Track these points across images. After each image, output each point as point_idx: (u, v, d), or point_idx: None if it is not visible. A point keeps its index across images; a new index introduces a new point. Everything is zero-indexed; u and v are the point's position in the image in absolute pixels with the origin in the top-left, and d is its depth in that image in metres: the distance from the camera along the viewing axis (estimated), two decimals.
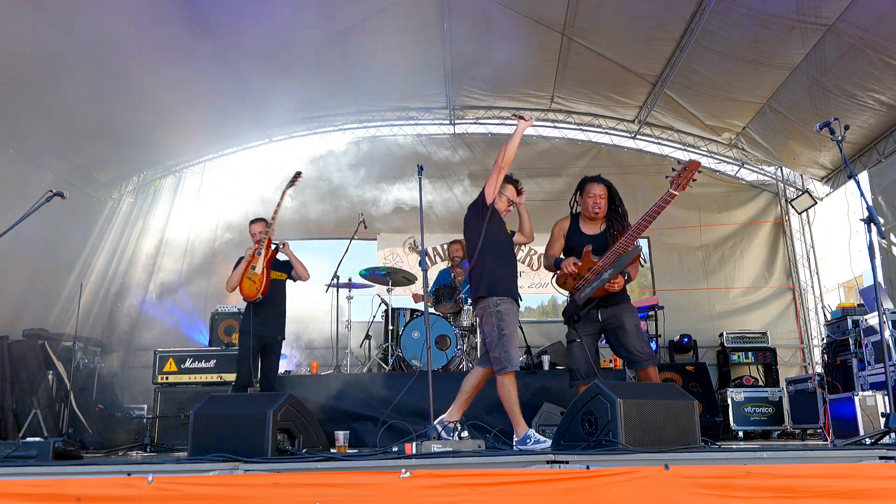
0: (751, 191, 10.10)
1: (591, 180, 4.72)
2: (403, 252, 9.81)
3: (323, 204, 9.30)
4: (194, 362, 6.67)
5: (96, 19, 6.02)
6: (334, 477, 2.58)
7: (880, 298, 4.55)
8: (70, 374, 6.95)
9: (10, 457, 3.20)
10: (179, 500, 2.50)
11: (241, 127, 9.42)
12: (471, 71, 8.75)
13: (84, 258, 8.64)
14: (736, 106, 8.46)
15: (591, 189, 4.65)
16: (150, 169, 9.72)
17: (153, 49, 6.74)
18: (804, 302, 9.62)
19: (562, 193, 9.96)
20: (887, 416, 3.70)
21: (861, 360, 6.30)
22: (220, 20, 6.79)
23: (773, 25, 6.64)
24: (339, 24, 7.39)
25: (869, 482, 2.54)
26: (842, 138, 4.20)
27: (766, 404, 7.47)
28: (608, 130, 10.05)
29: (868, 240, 4.10)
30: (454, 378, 6.09)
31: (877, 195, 7.85)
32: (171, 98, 7.68)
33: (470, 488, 2.50)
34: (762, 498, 2.49)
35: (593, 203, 4.60)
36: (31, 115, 6.93)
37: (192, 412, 3.47)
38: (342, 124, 10.05)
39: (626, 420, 3.04)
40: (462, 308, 7.01)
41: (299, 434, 3.50)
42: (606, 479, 2.52)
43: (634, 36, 7.59)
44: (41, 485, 2.57)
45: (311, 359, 8.33)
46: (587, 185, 4.70)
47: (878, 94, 7.07)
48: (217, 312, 7.38)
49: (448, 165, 9.91)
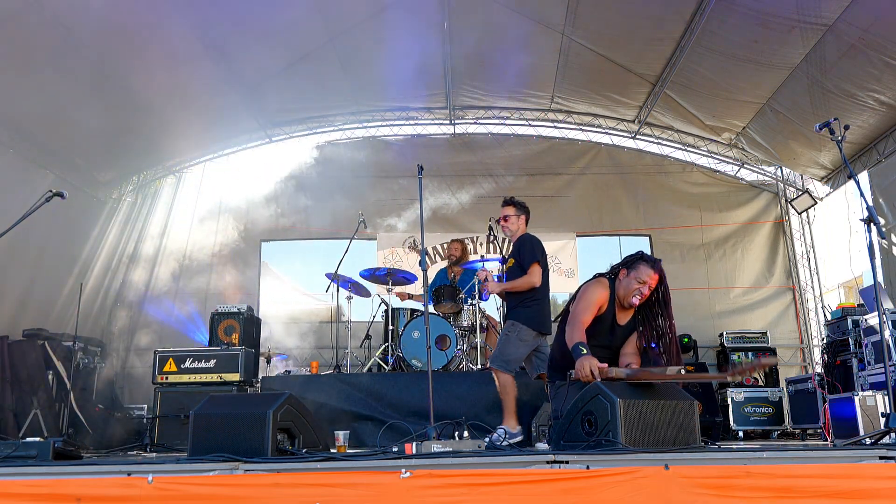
0: (751, 191, 10.10)
1: (648, 260, 3.83)
2: (403, 252, 9.81)
3: (323, 204, 9.30)
4: (194, 362, 6.67)
5: (97, 19, 6.02)
6: (334, 477, 2.58)
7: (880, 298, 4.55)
8: (70, 374, 6.95)
9: (10, 457, 3.20)
10: (179, 500, 2.50)
11: (241, 127, 9.43)
12: (471, 71, 8.76)
13: (84, 258, 8.64)
14: (736, 106, 8.46)
15: (643, 272, 3.78)
16: (150, 169, 9.72)
17: (153, 49, 6.74)
18: (804, 302, 9.63)
19: (562, 192, 10.01)
20: (887, 416, 3.71)
21: (861, 360, 6.30)
22: (221, 20, 6.79)
23: (773, 25, 6.64)
24: (339, 23, 7.39)
25: (869, 482, 2.54)
26: (842, 138, 4.20)
27: (766, 404, 7.47)
28: (608, 130, 10.05)
29: (868, 240, 4.10)
30: (454, 378, 6.11)
31: (877, 195, 7.85)
32: (171, 98, 7.67)
33: (470, 488, 2.50)
34: (762, 498, 2.49)
35: (638, 291, 3.78)
36: (31, 115, 6.93)
37: (192, 412, 3.47)
38: (342, 124, 10.05)
39: (625, 420, 3.04)
40: (462, 308, 7.01)
41: (299, 434, 3.50)
42: (606, 479, 2.52)
43: (634, 36, 7.59)
44: (41, 485, 2.56)
45: (311, 359, 8.34)
46: (640, 265, 3.82)
47: (878, 94, 7.07)
48: (217, 312, 7.38)
49: (448, 165, 9.90)
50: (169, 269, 9.37)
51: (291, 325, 9.08)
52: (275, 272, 9.95)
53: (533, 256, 5.02)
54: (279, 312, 9.26)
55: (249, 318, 7.39)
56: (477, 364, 6.70)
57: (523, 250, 5.11)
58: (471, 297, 6.96)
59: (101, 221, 9.08)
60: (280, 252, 10.00)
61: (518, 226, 5.27)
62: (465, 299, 7.02)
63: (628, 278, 3.84)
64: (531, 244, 5.12)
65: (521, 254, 5.11)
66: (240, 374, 6.57)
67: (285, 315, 9.26)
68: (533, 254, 5.04)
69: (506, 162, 10.06)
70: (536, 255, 5.04)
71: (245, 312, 7.33)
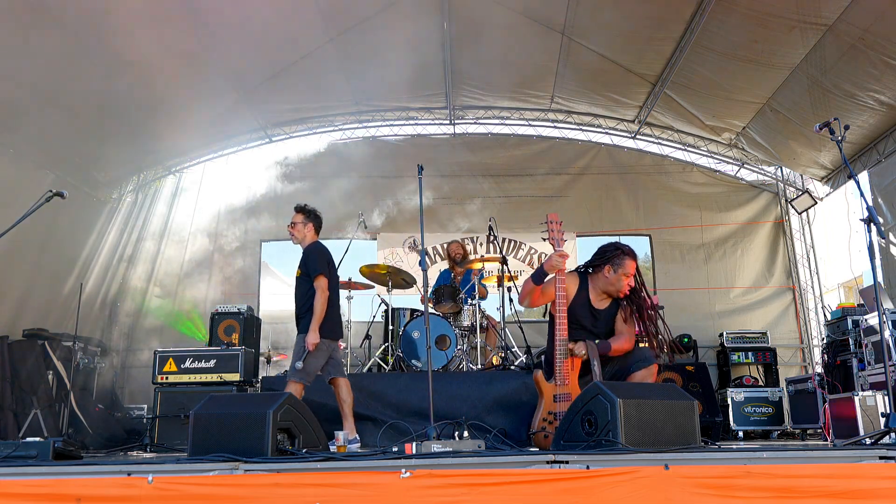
0: (751, 191, 10.10)
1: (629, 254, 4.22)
2: (403, 252, 9.81)
3: (323, 204, 9.27)
4: (194, 362, 6.67)
5: (97, 19, 6.02)
6: (334, 477, 2.58)
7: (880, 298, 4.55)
8: (70, 374, 6.95)
9: (10, 457, 3.20)
10: (179, 500, 2.50)
11: (241, 127, 9.43)
12: (471, 71, 8.75)
13: (84, 258, 8.63)
14: (736, 106, 8.46)
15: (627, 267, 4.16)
16: (150, 169, 9.72)
17: (154, 48, 6.73)
18: (804, 302, 9.62)
19: (562, 192, 10.01)
20: (887, 416, 3.71)
21: (861, 360, 6.30)
22: (221, 20, 6.79)
23: (773, 25, 6.64)
24: (339, 23, 7.39)
25: (869, 482, 2.54)
26: (842, 138, 4.19)
27: (766, 404, 7.47)
28: (608, 130, 10.05)
29: (868, 240, 4.10)
30: (454, 378, 6.11)
31: (877, 195, 7.85)
32: (171, 98, 7.68)
33: (470, 488, 2.50)
34: (762, 498, 2.49)
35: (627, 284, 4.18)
36: (31, 115, 6.92)
37: (192, 412, 3.47)
38: (342, 124, 10.05)
39: (625, 420, 3.04)
40: (462, 308, 7.01)
41: (299, 434, 3.50)
42: (606, 479, 2.52)
43: (634, 36, 7.59)
44: (41, 485, 2.57)
45: None
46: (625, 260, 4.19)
47: (878, 94, 7.07)
48: (217, 312, 7.39)
49: (448, 165, 9.90)
50: (169, 269, 9.37)
51: (291, 325, 9.07)
52: (275, 272, 9.95)
53: (318, 268, 5.00)
54: (279, 312, 9.25)
55: (249, 318, 7.40)
56: (477, 364, 6.70)
57: (309, 261, 5.08)
58: (471, 297, 6.97)
59: (101, 221, 9.07)
60: (280, 252, 10.00)
61: (304, 234, 5.23)
62: (465, 299, 7.02)
63: (616, 275, 4.17)
64: (316, 254, 5.09)
65: (307, 264, 5.10)
66: (240, 374, 6.57)
67: (285, 315, 9.25)
68: (318, 264, 5.02)
69: (506, 162, 10.06)
70: (321, 266, 5.03)
71: (245, 312, 7.34)
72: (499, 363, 6.91)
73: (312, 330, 4.91)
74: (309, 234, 5.25)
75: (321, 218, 5.36)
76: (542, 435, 4.03)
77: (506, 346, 6.86)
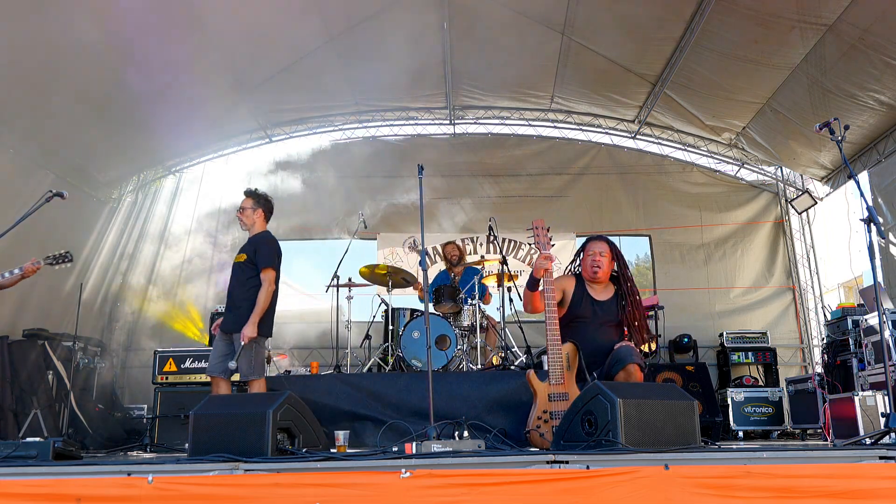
0: (751, 191, 10.10)
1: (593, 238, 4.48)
2: (403, 252, 9.81)
3: (323, 204, 9.31)
4: (194, 362, 6.67)
5: (97, 19, 6.02)
6: (334, 477, 2.58)
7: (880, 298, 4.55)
8: (70, 374, 6.95)
9: (10, 457, 3.20)
10: (179, 500, 2.50)
11: (241, 127, 9.42)
12: (471, 71, 8.75)
13: (84, 258, 8.62)
14: (736, 106, 8.46)
15: (591, 247, 4.40)
16: (150, 169, 9.72)
17: (153, 48, 6.74)
18: (804, 302, 9.62)
19: (562, 192, 10.01)
20: (887, 416, 3.71)
21: (861, 360, 6.30)
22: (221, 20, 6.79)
23: (773, 25, 6.64)
24: (339, 23, 7.39)
25: (869, 482, 2.54)
26: (842, 138, 4.19)
27: (766, 404, 7.47)
28: (608, 130, 10.05)
29: (868, 240, 4.10)
30: (454, 378, 6.11)
31: (877, 195, 7.85)
32: (171, 98, 7.67)
33: (470, 488, 2.50)
34: (762, 498, 2.49)
35: (592, 262, 4.35)
36: (31, 115, 6.92)
37: (192, 412, 3.47)
38: (342, 124, 10.05)
39: (625, 420, 3.04)
40: (462, 308, 7.01)
41: (299, 434, 3.50)
42: (606, 479, 2.52)
43: (634, 36, 7.59)
44: (41, 485, 2.57)
45: (311, 359, 8.33)
46: (588, 243, 4.46)
47: (878, 94, 7.07)
48: (217, 312, 7.38)
49: (448, 165, 9.90)
50: (169, 269, 9.37)
51: (291, 325, 9.07)
52: None
53: (269, 260, 4.83)
54: (279, 312, 9.24)
55: None
56: (477, 364, 6.70)
57: (260, 251, 4.89)
58: (471, 298, 6.96)
59: (101, 221, 9.07)
60: None
61: (254, 220, 5.05)
62: (465, 299, 7.02)
63: (583, 259, 4.42)
64: (269, 246, 4.92)
65: (256, 253, 4.90)
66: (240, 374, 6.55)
67: (285, 315, 9.24)
68: (270, 257, 4.85)
69: (506, 162, 10.06)
70: (272, 259, 4.86)
71: None
72: (499, 363, 6.90)
73: (252, 323, 4.73)
74: (259, 220, 5.08)
75: (272, 203, 5.18)
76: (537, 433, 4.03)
77: (506, 346, 6.86)
